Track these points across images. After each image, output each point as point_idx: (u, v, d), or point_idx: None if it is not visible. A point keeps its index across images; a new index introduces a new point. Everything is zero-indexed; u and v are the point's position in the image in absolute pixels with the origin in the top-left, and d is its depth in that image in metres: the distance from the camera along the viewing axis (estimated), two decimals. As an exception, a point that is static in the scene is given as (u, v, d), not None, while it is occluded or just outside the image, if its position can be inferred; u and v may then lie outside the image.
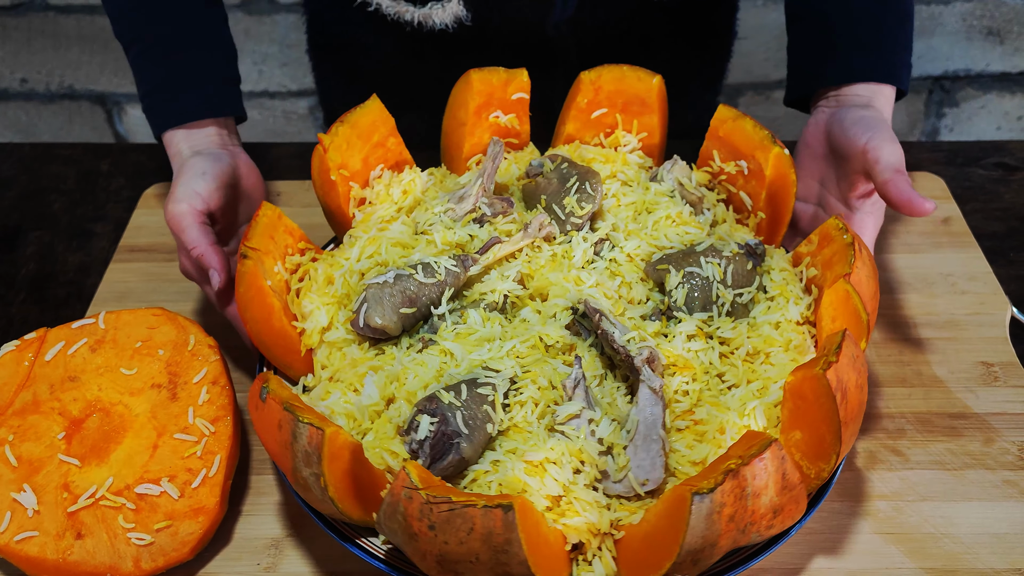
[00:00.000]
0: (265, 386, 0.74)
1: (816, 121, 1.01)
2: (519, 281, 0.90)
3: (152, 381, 0.88)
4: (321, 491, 0.71)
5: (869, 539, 0.86)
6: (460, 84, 1.02)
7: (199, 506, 0.82)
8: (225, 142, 1.04)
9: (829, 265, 0.87)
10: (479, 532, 0.65)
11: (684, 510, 0.66)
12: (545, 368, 0.81)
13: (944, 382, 0.99)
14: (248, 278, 0.84)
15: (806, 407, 0.75)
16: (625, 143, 1.05)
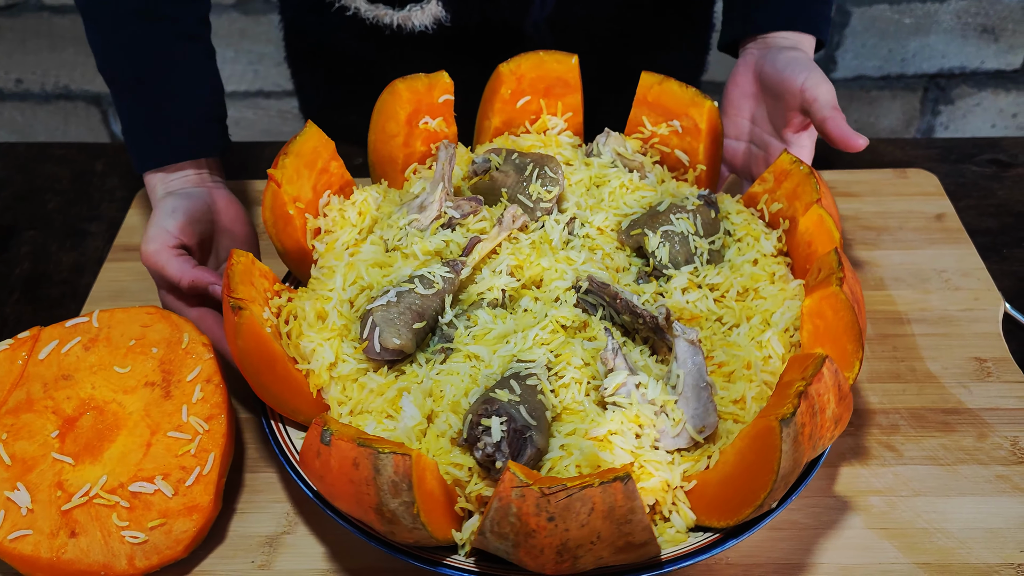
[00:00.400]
0: (326, 429, 0.71)
1: (745, 62, 1.07)
2: (510, 274, 0.91)
3: (146, 379, 0.88)
4: (412, 519, 0.70)
5: (862, 534, 0.86)
6: (386, 96, 1.01)
7: (193, 504, 0.82)
8: (203, 180, 1.02)
9: (794, 197, 0.93)
10: (600, 510, 0.66)
11: (774, 439, 0.69)
12: (574, 348, 0.82)
13: (937, 377, 0.99)
14: (246, 329, 0.79)
15: (826, 324, 0.81)
16: (552, 126, 1.08)
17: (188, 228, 0.96)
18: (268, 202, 0.91)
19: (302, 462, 0.75)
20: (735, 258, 0.92)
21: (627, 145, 1.05)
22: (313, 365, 0.85)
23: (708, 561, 0.84)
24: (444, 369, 0.83)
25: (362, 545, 0.85)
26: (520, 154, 0.99)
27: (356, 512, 0.73)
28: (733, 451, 0.75)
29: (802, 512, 0.87)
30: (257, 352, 0.81)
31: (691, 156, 1.04)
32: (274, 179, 0.91)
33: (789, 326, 0.85)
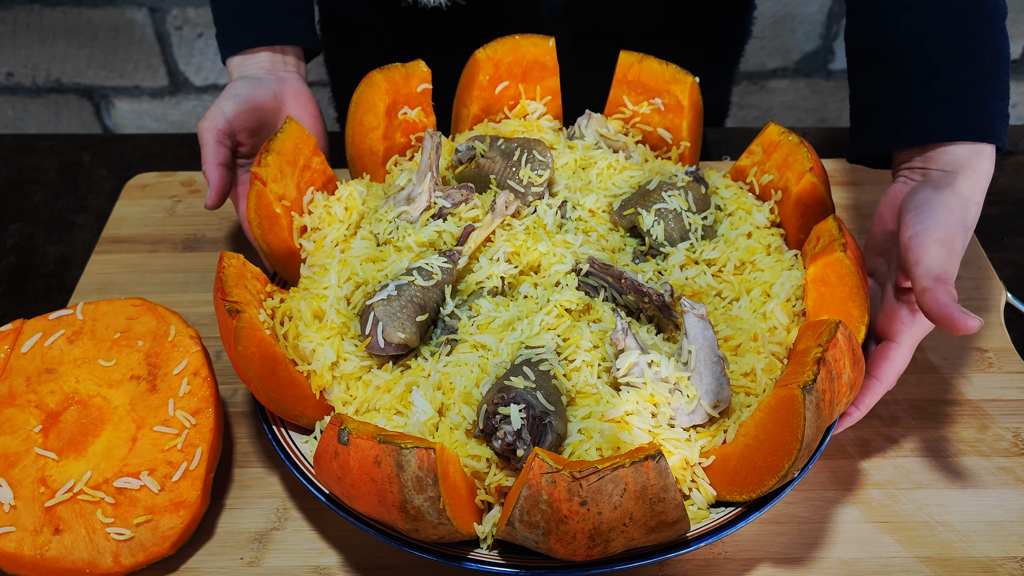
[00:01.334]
0: (343, 428, 0.69)
1: (894, 192, 0.86)
2: (507, 261, 0.89)
3: (131, 373, 0.86)
4: (438, 514, 0.68)
5: (862, 528, 0.84)
6: (363, 88, 0.99)
7: (180, 500, 0.80)
8: (276, 67, 1.06)
9: (785, 167, 0.94)
10: (633, 490, 0.66)
11: (797, 406, 0.70)
12: (581, 331, 0.82)
13: (938, 368, 0.98)
14: (246, 333, 0.78)
15: (831, 291, 0.82)
16: (532, 111, 1.07)
17: (244, 114, 0.99)
18: (253, 202, 0.89)
19: (317, 465, 0.73)
20: (728, 232, 0.93)
21: (609, 126, 1.04)
22: (314, 366, 0.83)
23: (707, 556, 0.82)
24: (451, 361, 0.81)
25: (352, 541, 0.84)
26: (505, 140, 0.98)
27: (377, 512, 0.71)
28: (753, 423, 0.75)
29: (802, 506, 0.86)
30: (258, 356, 0.78)
31: (674, 133, 1.04)
32: (259, 178, 0.89)
33: (791, 296, 0.86)
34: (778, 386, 0.74)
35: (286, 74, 1.06)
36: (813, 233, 0.88)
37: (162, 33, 2.22)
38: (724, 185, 0.98)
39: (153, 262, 1.12)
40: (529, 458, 0.69)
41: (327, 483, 0.73)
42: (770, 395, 0.74)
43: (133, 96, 2.32)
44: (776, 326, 0.84)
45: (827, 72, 2.20)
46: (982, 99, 0.82)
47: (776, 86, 2.21)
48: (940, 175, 0.82)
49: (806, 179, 0.90)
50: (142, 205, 1.19)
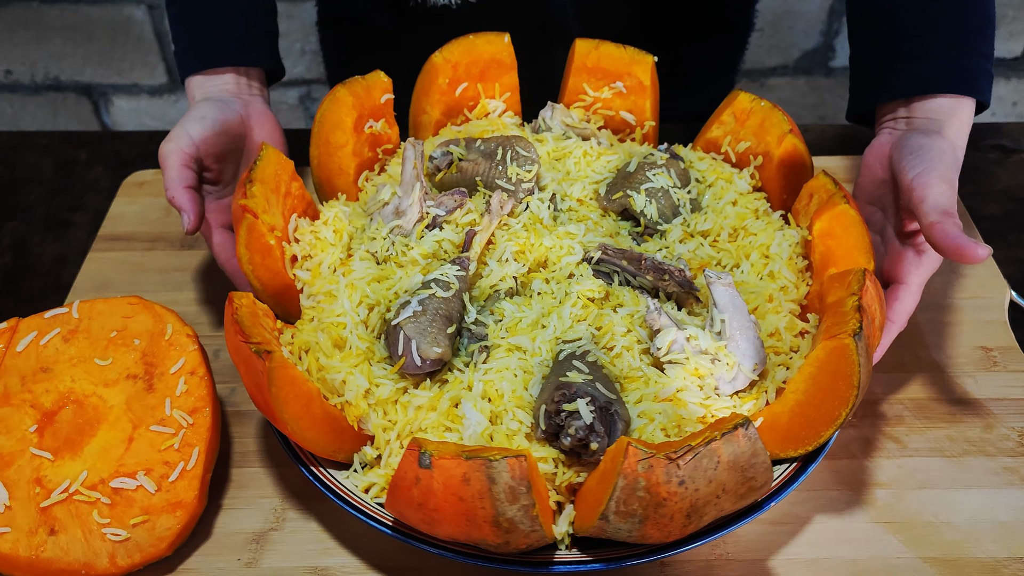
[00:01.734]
0: (424, 452, 0.66)
1: (880, 143, 0.92)
2: (515, 260, 0.89)
3: (127, 372, 0.85)
4: (531, 522, 0.67)
5: (867, 528, 0.83)
6: (328, 105, 0.96)
7: (177, 500, 0.79)
8: (241, 91, 1.01)
9: (763, 132, 0.96)
10: (725, 461, 0.66)
11: (849, 355, 0.72)
12: (611, 318, 0.82)
13: (943, 367, 0.97)
14: (279, 374, 0.74)
15: (837, 243, 0.84)
16: (493, 109, 1.06)
17: (213, 138, 0.94)
18: (244, 236, 0.84)
19: (392, 495, 0.70)
20: (714, 203, 0.94)
21: (572, 115, 1.04)
22: (348, 396, 0.79)
23: (709, 557, 0.81)
24: (491, 367, 0.80)
25: (352, 542, 0.83)
26: (483, 140, 0.96)
27: (463, 532, 0.69)
28: (803, 378, 0.76)
29: (806, 506, 0.85)
30: (293, 396, 0.75)
31: (637, 114, 1.05)
32: (249, 210, 0.84)
33: (791, 254, 0.88)
34: (825, 339, 0.75)
35: (251, 98, 1.02)
36: (804, 191, 0.91)
37: (160, 30, 2.21)
38: (697, 158, 1.00)
39: (150, 260, 1.11)
40: (616, 449, 0.68)
41: (402, 513, 0.71)
42: (818, 349, 0.75)
43: (131, 94, 2.31)
44: (787, 284, 0.86)
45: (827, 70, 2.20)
46: (967, 56, 0.88)
47: (776, 83, 2.20)
48: (926, 123, 0.89)
49: (787, 141, 0.94)
50: (139, 203, 1.19)
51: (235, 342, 0.76)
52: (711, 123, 1.02)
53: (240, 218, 0.84)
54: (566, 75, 1.06)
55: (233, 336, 0.76)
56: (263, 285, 0.86)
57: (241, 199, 0.84)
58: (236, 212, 0.86)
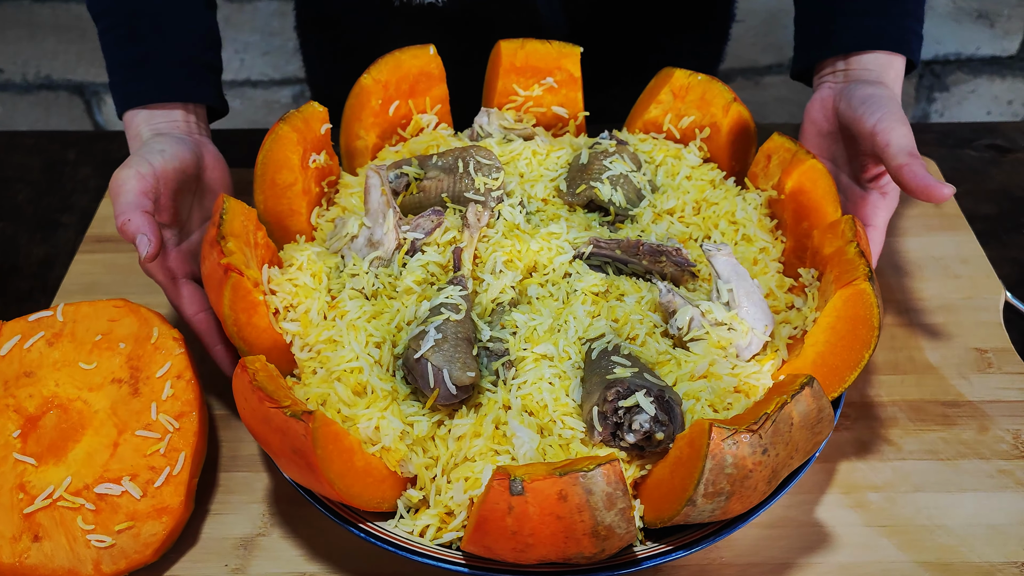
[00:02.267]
0: (514, 479, 0.65)
1: (822, 97, 0.97)
2: (508, 270, 0.87)
3: (112, 376, 0.84)
4: (627, 524, 0.67)
5: (861, 532, 0.82)
6: (272, 145, 0.90)
7: (162, 506, 0.78)
8: (192, 129, 0.96)
9: (706, 104, 1.00)
10: (798, 422, 0.69)
11: (867, 298, 0.76)
12: (623, 307, 0.84)
13: (937, 369, 0.96)
14: (323, 433, 0.70)
15: (807, 197, 0.89)
16: (427, 123, 1.05)
17: (172, 174, 0.88)
18: (229, 296, 0.78)
19: (481, 531, 0.67)
20: (668, 181, 0.96)
21: (508, 117, 1.04)
22: (385, 441, 0.76)
23: (703, 562, 0.81)
24: (524, 381, 0.78)
25: (340, 548, 0.82)
26: (438, 155, 0.95)
27: (560, 550, 0.68)
28: (822, 329, 0.79)
29: (799, 509, 0.84)
30: (337, 453, 0.71)
31: (570, 107, 1.05)
32: (234, 268, 0.78)
33: (759, 216, 0.93)
34: (838, 287, 0.78)
35: (201, 138, 0.96)
36: (760, 154, 0.95)
37: (153, 29, 2.19)
38: (639, 140, 1.01)
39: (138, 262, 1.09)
40: (695, 432, 0.68)
41: (490, 547, 0.69)
42: (834, 299, 0.78)
43: (123, 93, 2.30)
44: (765, 245, 0.90)
45: (823, 68, 2.19)
46: (902, 17, 0.95)
47: (770, 82, 2.20)
48: (865, 74, 0.94)
49: (733, 109, 0.98)
50: (127, 204, 1.17)
51: (261, 411, 0.71)
52: (646, 104, 1.03)
53: (222, 278, 0.78)
54: (493, 78, 1.05)
55: (257, 405, 0.71)
56: (249, 346, 0.80)
57: (222, 258, 0.78)
58: (214, 271, 0.80)
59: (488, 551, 0.70)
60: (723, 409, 0.77)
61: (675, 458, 0.72)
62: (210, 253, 0.80)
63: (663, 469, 0.73)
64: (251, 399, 0.72)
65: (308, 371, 0.82)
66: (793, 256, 0.91)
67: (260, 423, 0.72)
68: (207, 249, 0.81)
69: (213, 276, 0.80)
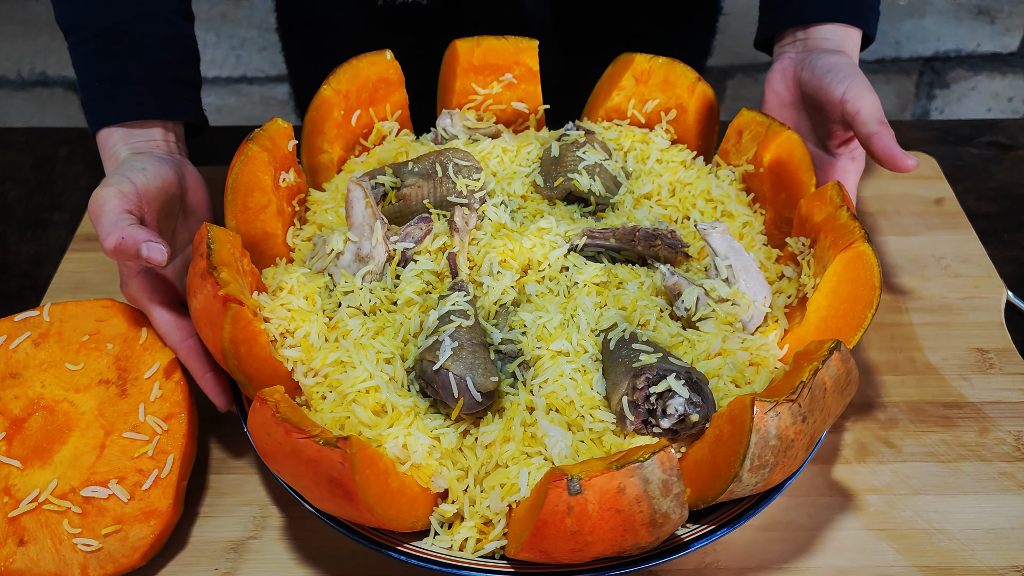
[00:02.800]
0: (571, 478, 0.64)
1: (783, 67, 0.99)
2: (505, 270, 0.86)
3: (100, 377, 0.83)
4: (682, 507, 0.67)
5: (859, 535, 0.81)
6: (241, 167, 0.86)
7: (150, 509, 0.77)
8: (172, 149, 0.91)
9: (670, 86, 1.01)
10: (831, 385, 0.70)
11: (867, 259, 0.78)
12: (627, 295, 0.84)
13: (938, 369, 0.95)
14: (361, 458, 0.67)
15: (784, 168, 0.91)
16: (388, 131, 1.03)
17: (155, 193, 0.83)
18: (229, 329, 0.74)
19: (540, 535, 0.66)
20: (640, 166, 0.97)
21: (469, 117, 1.03)
22: (415, 458, 0.73)
23: (699, 565, 0.79)
24: (544, 379, 0.77)
25: (332, 551, 0.81)
26: (413, 161, 0.93)
27: (617, 543, 0.67)
28: (823, 295, 0.80)
29: (797, 512, 0.83)
30: (374, 477, 0.69)
31: (529, 102, 1.05)
32: (233, 298, 0.75)
33: (737, 191, 0.94)
34: (836, 252, 0.79)
35: (181, 158, 0.92)
36: (731, 130, 0.97)
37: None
38: (603, 128, 1.01)
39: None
40: (736, 408, 0.69)
41: (547, 551, 0.67)
42: (834, 263, 0.79)
43: (119, 90, 2.28)
44: (748, 220, 0.92)
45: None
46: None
47: (771, 79, 2.18)
48: (824, 43, 0.96)
49: (699, 89, 0.99)
50: (119, 201, 1.16)
51: (289, 444, 0.67)
52: (607, 92, 1.03)
53: (220, 311, 0.75)
54: (450, 79, 1.04)
55: (284, 438, 0.67)
56: (249, 379, 0.77)
57: (218, 289, 0.75)
58: (209, 305, 0.75)
59: (545, 555, 0.68)
60: (744, 384, 0.78)
61: (714, 437, 0.71)
62: (203, 286, 0.76)
63: (701, 450, 0.73)
64: (276, 433, 0.68)
65: (316, 397, 0.79)
66: (773, 227, 0.93)
67: (287, 457, 0.68)
68: (198, 283, 0.77)
69: (209, 310, 0.75)
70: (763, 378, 0.78)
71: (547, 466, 0.73)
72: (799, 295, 0.84)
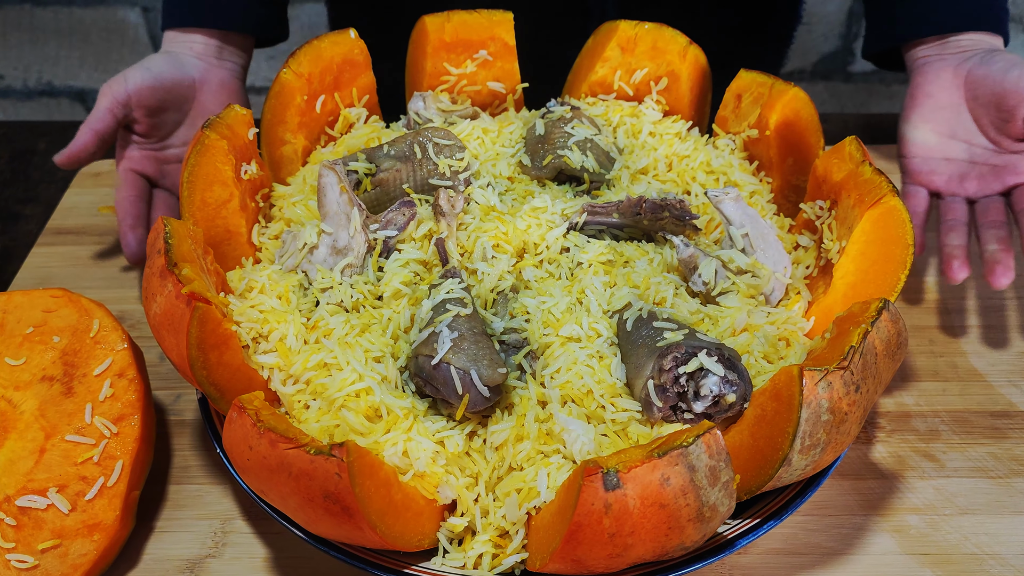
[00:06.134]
0: (607, 472, 0.57)
1: (938, 70, 0.93)
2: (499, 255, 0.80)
3: (43, 372, 0.75)
4: (730, 497, 0.61)
5: (897, 560, 0.72)
6: (197, 157, 0.78)
7: (94, 522, 0.69)
8: (208, 54, 1.00)
9: (659, 53, 0.95)
10: (882, 349, 0.65)
11: (898, 214, 0.73)
12: (639, 272, 0.78)
13: (983, 375, 0.87)
14: (359, 467, 0.60)
15: (791, 132, 0.86)
16: (356, 117, 0.95)
17: (148, 91, 0.94)
18: (195, 333, 0.66)
19: (575, 540, 0.58)
20: (631, 141, 0.91)
21: (443, 99, 0.96)
22: (419, 466, 0.66)
23: (711, 593, 0.70)
24: (557, 368, 0.70)
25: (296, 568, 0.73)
26: (389, 144, 0.86)
27: (660, 544, 0.59)
28: (851, 259, 0.75)
29: (824, 533, 0.74)
30: (375, 488, 0.61)
31: (507, 80, 0.98)
32: (199, 296, 0.67)
33: (736, 160, 0.89)
34: (864, 210, 0.74)
35: (219, 64, 1.00)
36: (728, 95, 0.92)
37: (155, 33, 2.15)
38: (588, 104, 0.95)
39: (101, 255, 1.02)
40: (782, 381, 0.62)
41: (581, 560, 0.59)
42: (862, 222, 0.74)
43: (125, 98, 2.25)
44: (755, 189, 0.87)
45: (846, 74, 2.11)
46: None
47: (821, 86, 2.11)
48: (978, 45, 0.94)
49: (691, 53, 0.93)
50: (94, 194, 1.10)
51: (275, 457, 0.59)
52: (590, 65, 0.97)
53: (184, 312, 0.66)
54: (420, 58, 0.96)
55: (269, 450, 0.59)
56: (220, 391, 0.69)
57: (181, 288, 0.67)
58: (171, 308, 0.67)
59: (578, 565, 0.60)
60: (778, 360, 0.71)
61: (755, 417, 0.65)
62: (162, 286, 0.68)
63: (740, 434, 0.66)
64: (259, 446, 0.60)
65: (299, 407, 0.71)
66: (781, 197, 0.88)
67: (272, 473, 0.60)
68: (157, 283, 0.68)
69: (171, 313, 0.67)
70: (798, 352, 0.72)
71: (568, 465, 0.65)
72: (819, 264, 0.79)
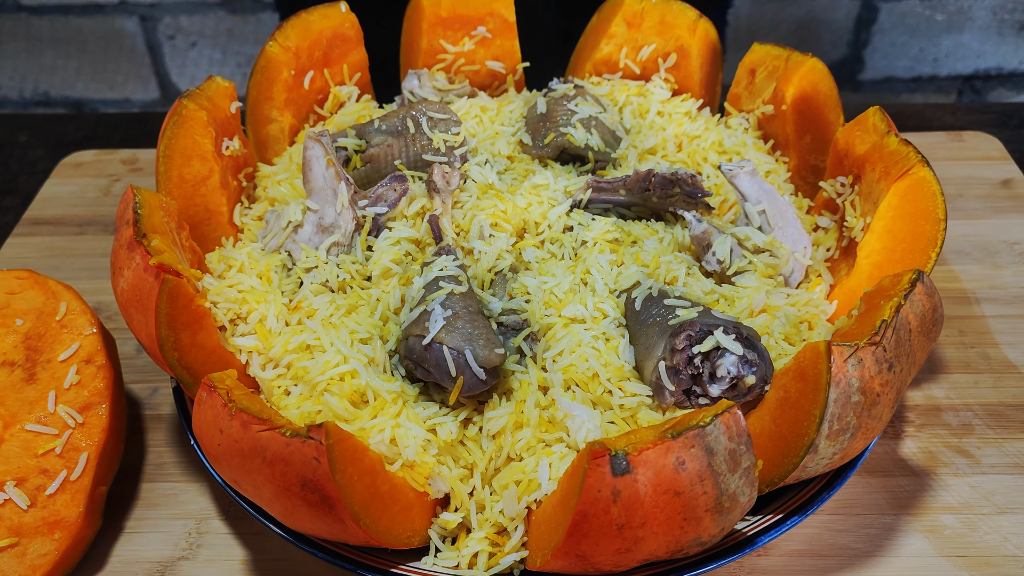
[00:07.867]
0: (615, 455, 0.52)
1: None
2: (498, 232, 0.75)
3: (3, 357, 0.70)
4: (751, 486, 0.56)
5: (932, 563, 0.68)
6: (174, 129, 0.73)
7: (56, 519, 0.64)
8: None
9: (667, 28, 0.90)
10: (916, 325, 0.61)
11: (928, 185, 0.69)
12: (648, 250, 0.73)
13: (1018, 367, 0.82)
14: (339, 451, 0.55)
15: (808, 107, 0.82)
16: (347, 96, 0.91)
17: None
18: (165, 308, 0.61)
19: (580, 532, 0.53)
20: (639, 121, 0.87)
21: (439, 78, 0.92)
22: (407, 454, 0.61)
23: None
24: (559, 351, 0.65)
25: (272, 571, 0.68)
26: (380, 119, 0.82)
27: (674, 538, 0.54)
28: (876, 236, 0.70)
29: (852, 534, 0.68)
30: (359, 475, 0.56)
31: (506, 59, 0.94)
32: (167, 268, 0.62)
33: (750, 139, 0.85)
34: (891, 182, 0.70)
35: None
36: (741, 71, 0.88)
37: (153, 43, 2.12)
38: (593, 83, 0.92)
39: (78, 245, 0.98)
40: (808, 357, 0.57)
41: (590, 553, 0.54)
42: (888, 196, 0.69)
43: (123, 109, 2.22)
44: (770, 168, 0.82)
45: (855, 83, 2.07)
46: None
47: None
48: None
49: (701, 27, 0.90)
50: (74, 184, 1.06)
51: (247, 441, 0.54)
52: (594, 42, 0.93)
53: (152, 285, 0.61)
54: (415, 35, 0.92)
55: (241, 433, 0.54)
56: (195, 375, 0.64)
57: (149, 259, 0.61)
58: (139, 282, 0.62)
59: (582, 561, 0.55)
60: (800, 342, 0.67)
61: (778, 400, 0.59)
62: (130, 259, 0.63)
63: (761, 420, 0.60)
64: (230, 428, 0.54)
65: (279, 392, 0.66)
66: (797, 177, 0.84)
67: (245, 459, 0.55)
68: (124, 256, 0.63)
69: (139, 287, 0.62)
70: (822, 334, 0.67)
71: (572, 454, 0.60)
72: (840, 245, 0.74)
